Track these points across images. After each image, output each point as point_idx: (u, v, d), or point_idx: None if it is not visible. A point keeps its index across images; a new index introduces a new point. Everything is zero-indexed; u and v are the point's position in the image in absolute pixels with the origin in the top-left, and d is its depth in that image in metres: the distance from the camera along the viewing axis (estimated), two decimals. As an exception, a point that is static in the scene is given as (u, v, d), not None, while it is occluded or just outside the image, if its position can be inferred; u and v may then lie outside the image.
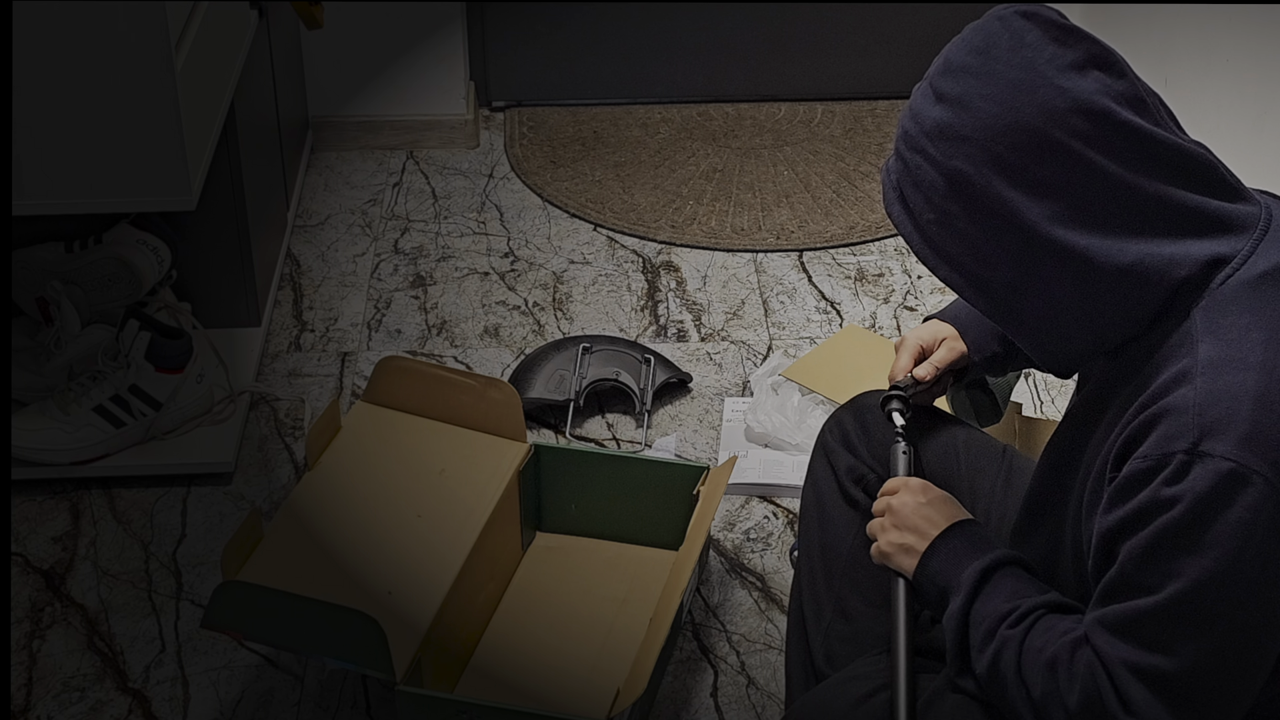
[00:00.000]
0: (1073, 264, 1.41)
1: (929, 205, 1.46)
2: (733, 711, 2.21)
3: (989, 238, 1.43)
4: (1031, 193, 1.41)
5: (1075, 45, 1.42)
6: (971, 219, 1.43)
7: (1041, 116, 1.40)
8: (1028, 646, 1.49)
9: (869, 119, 3.77)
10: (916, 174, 1.46)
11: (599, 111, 3.81)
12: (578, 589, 2.35)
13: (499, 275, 3.19)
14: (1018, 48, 1.42)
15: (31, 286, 2.67)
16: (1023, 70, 1.41)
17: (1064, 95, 1.40)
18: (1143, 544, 1.38)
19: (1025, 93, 1.40)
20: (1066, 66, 1.41)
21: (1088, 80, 1.41)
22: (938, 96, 1.45)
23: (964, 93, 1.43)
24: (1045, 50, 1.42)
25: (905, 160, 1.48)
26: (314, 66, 3.55)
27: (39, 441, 2.53)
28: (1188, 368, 1.39)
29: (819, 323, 3.04)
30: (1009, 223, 1.42)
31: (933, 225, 1.46)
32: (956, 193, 1.43)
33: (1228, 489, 1.34)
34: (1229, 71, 2.87)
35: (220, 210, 2.77)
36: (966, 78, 1.43)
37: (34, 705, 2.20)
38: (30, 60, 2.20)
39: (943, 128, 1.43)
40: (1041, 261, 1.42)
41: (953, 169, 1.43)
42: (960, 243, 1.45)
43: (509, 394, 2.35)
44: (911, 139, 1.47)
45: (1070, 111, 1.39)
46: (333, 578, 2.10)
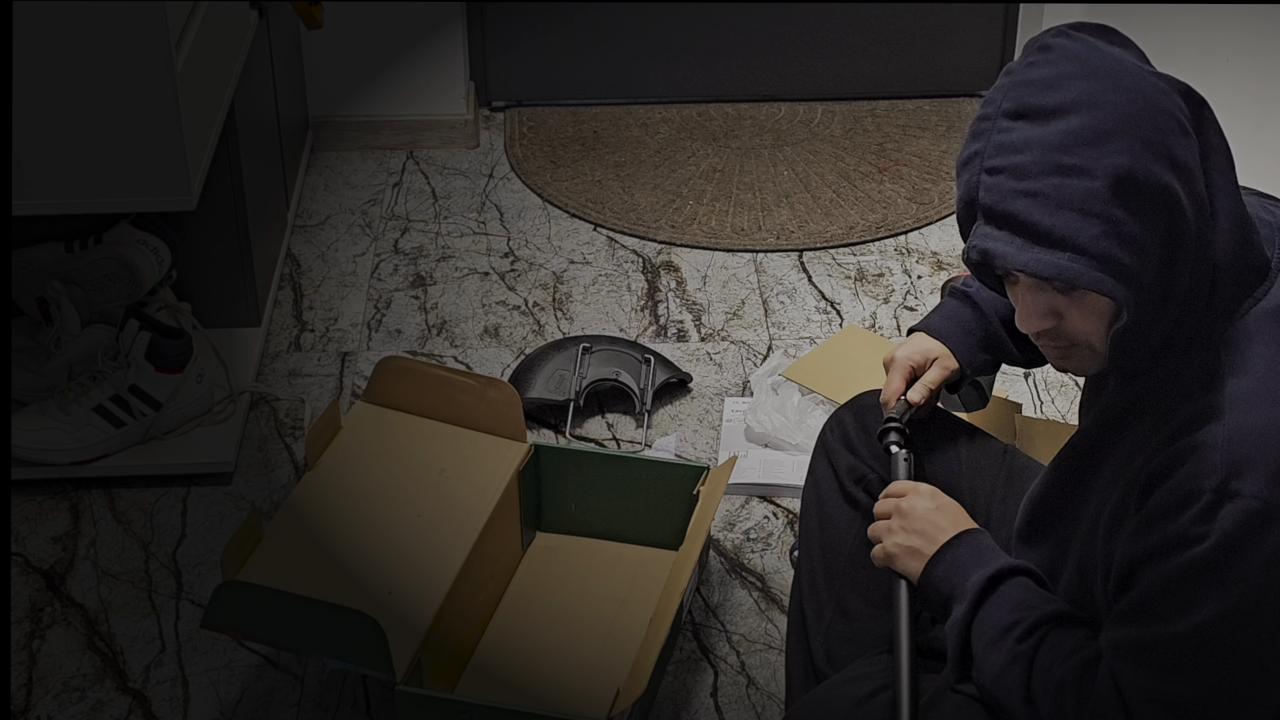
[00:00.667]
0: (1198, 252, 1.39)
1: (1089, 219, 1.35)
2: (733, 711, 2.21)
3: (1148, 229, 1.36)
4: (1175, 171, 1.36)
5: (1130, 46, 1.43)
6: (1136, 216, 1.36)
7: (1161, 97, 1.37)
8: (1037, 665, 1.50)
9: (869, 119, 3.77)
10: (1060, 195, 1.35)
11: (599, 111, 3.81)
12: (578, 589, 2.35)
13: (499, 275, 3.19)
14: (1095, 50, 1.39)
15: (31, 286, 2.67)
16: (1115, 63, 1.38)
17: (1158, 77, 1.39)
18: (1166, 574, 1.39)
19: (1137, 78, 1.38)
20: (1138, 58, 1.42)
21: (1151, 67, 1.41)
22: (1048, 114, 1.37)
23: (1079, 96, 1.36)
24: (1114, 50, 1.40)
25: (1031, 193, 1.36)
26: (314, 66, 3.55)
27: (39, 441, 2.53)
28: (1215, 402, 1.39)
29: (819, 323, 3.04)
30: (1165, 208, 1.36)
31: (1101, 240, 1.35)
32: (1120, 192, 1.35)
33: (1256, 527, 1.35)
34: (1229, 71, 2.87)
35: (220, 210, 2.77)
36: (1070, 83, 1.37)
37: (34, 705, 2.20)
38: (30, 60, 2.20)
39: (1078, 133, 1.35)
40: (1179, 248, 1.38)
41: (1111, 167, 1.34)
42: (1127, 247, 1.36)
43: (509, 394, 2.35)
44: (1035, 168, 1.36)
45: (1173, 90, 1.39)
46: (333, 578, 2.10)
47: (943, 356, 1.89)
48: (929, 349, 1.90)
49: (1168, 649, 1.40)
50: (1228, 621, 1.37)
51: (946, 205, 3.41)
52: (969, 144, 1.42)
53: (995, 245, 1.38)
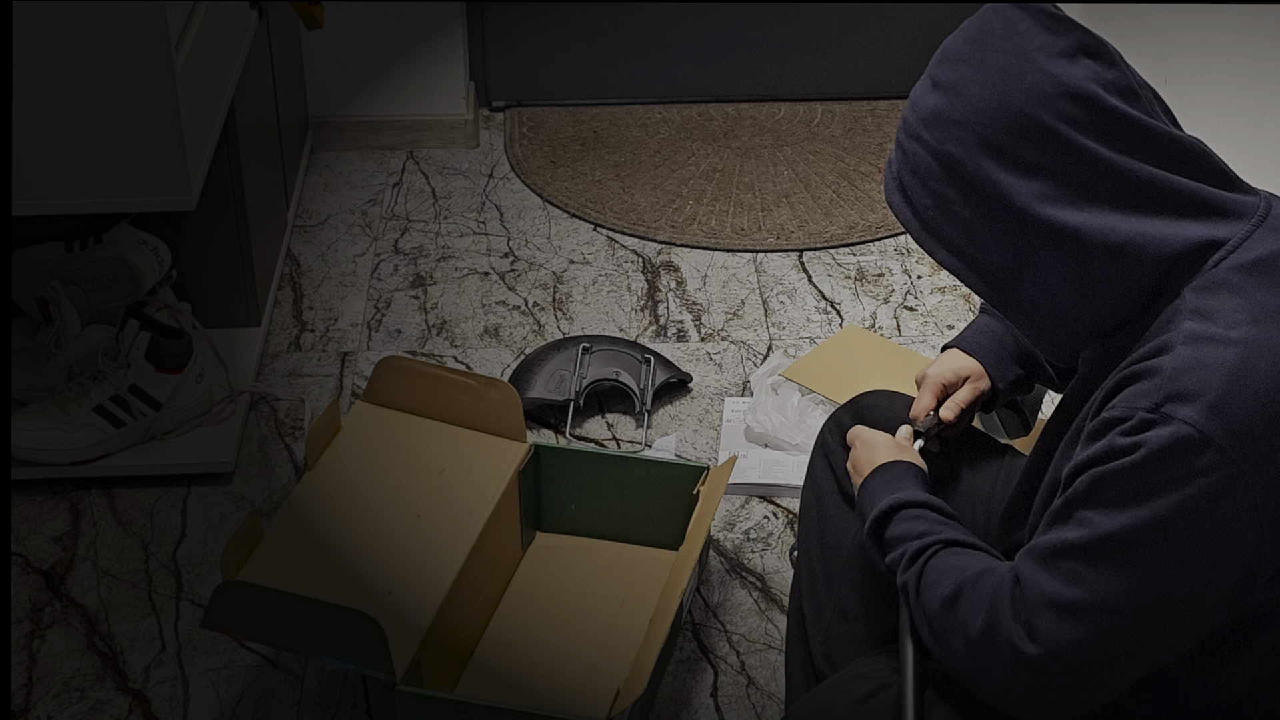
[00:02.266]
0: (1065, 243, 1.43)
1: (926, 191, 1.49)
2: (733, 711, 2.21)
3: (983, 221, 1.46)
4: (1021, 174, 1.43)
5: (1066, 34, 1.45)
6: (966, 202, 1.46)
7: (1029, 100, 1.43)
8: (923, 585, 1.54)
9: (869, 119, 3.77)
10: (914, 161, 1.50)
11: (599, 111, 3.81)
12: (578, 589, 2.35)
13: (499, 275, 3.19)
14: (1009, 35, 1.46)
15: (31, 286, 2.67)
16: (1013, 57, 1.45)
17: (1052, 80, 1.43)
18: (1086, 483, 1.41)
19: (1014, 78, 1.44)
20: (1056, 54, 1.44)
21: (1077, 67, 1.43)
22: (933, 84, 1.49)
23: (957, 79, 1.47)
24: (1036, 38, 1.45)
25: (904, 148, 1.52)
26: (314, 66, 3.55)
27: (39, 441, 2.53)
28: (1170, 340, 1.41)
29: (819, 323, 3.04)
30: (1001, 205, 1.44)
31: (930, 210, 1.49)
32: (950, 177, 1.46)
33: (1181, 451, 1.36)
34: (1229, 71, 2.87)
35: (220, 210, 2.77)
36: (960, 65, 1.47)
37: (34, 705, 2.20)
38: (30, 60, 2.20)
39: (936, 113, 1.47)
40: (1034, 243, 1.44)
41: (945, 153, 1.46)
42: (956, 227, 1.48)
43: (509, 394, 2.35)
44: (909, 127, 1.51)
45: (1057, 95, 1.42)
46: (333, 578, 2.10)
47: (975, 375, 1.89)
48: (961, 367, 1.90)
49: (1074, 555, 1.41)
50: (1134, 538, 1.38)
51: (946, 205, 3.40)
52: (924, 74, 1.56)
53: (886, 171, 1.56)
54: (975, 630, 1.47)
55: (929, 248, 1.51)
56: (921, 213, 1.50)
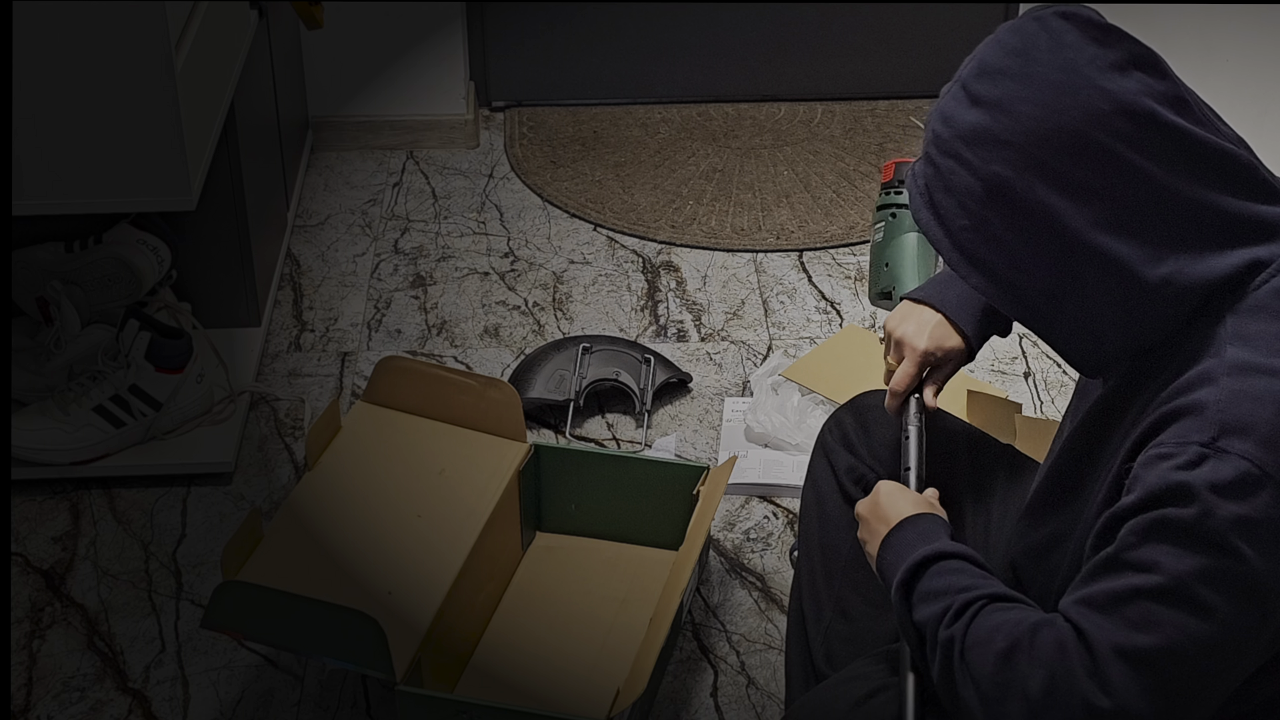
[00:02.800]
0: (1113, 271, 1.39)
1: (963, 211, 1.42)
2: (733, 711, 2.21)
3: (1028, 244, 1.40)
4: (1074, 198, 1.38)
5: (1116, 45, 1.40)
6: (1010, 225, 1.40)
7: (1084, 119, 1.37)
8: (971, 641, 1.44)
9: (869, 119, 3.77)
10: (950, 179, 1.43)
11: (599, 111, 3.81)
12: (578, 589, 2.35)
13: (499, 275, 3.19)
14: (1058, 49, 1.40)
15: (31, 286, 2.67)
16: (1064, 72, 1.38)
17: (1107, 97, 1.37)
18: (1145, 524, 1.36)
19: (1067, 95, 1.38)
20: (1108, 67, 1.39)
21: (1130, 81, 1.39)
22: (973, 100, 1.42)
23: (1003, 96, 1.40)
24: (1086, 51, 1.39)
25: (937, 165, 1.44)
26: (314, 66, 3.55)
27: (39, 441, 2.53)
28: (1213, 369, 1.38)
29: (819, 323, 3.04)
30: (1050, 229, 1.39)
31: (966, 232, 1.43)
32: (995, 199, 1.40)
33: (1240, 486, 1.33)
34: (1229, 71, 2.87)
35: (220, 210, 2.77)
36: (1005, 80, 1.40)
37: (34, 705, 2.20)
38: (30, 60, 2.20)
39: (980, 132, 1.40)
40: (1081, 268, 1.39)
41: (992, 174, 1.40)
42: (996, 250, 1.42)
43: (509, 394, 2.35)
44: (945, 143, 1.44)
45: (1114, 113, 1.37)
46: (333, 578, 2.10)
47: (956, 350, 1.85)
48: (944, 341, 1.85)
49: (1141, 600, 1.36)
50: (1203, 581, 1.34)
51: (946, 205, 3.40)
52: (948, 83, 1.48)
53: (911, 185, 1.49)
54: (1036, 688, 1.38)
55: (962, 271, 1.45)
56: (956, 234, 1.44)
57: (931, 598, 1.49)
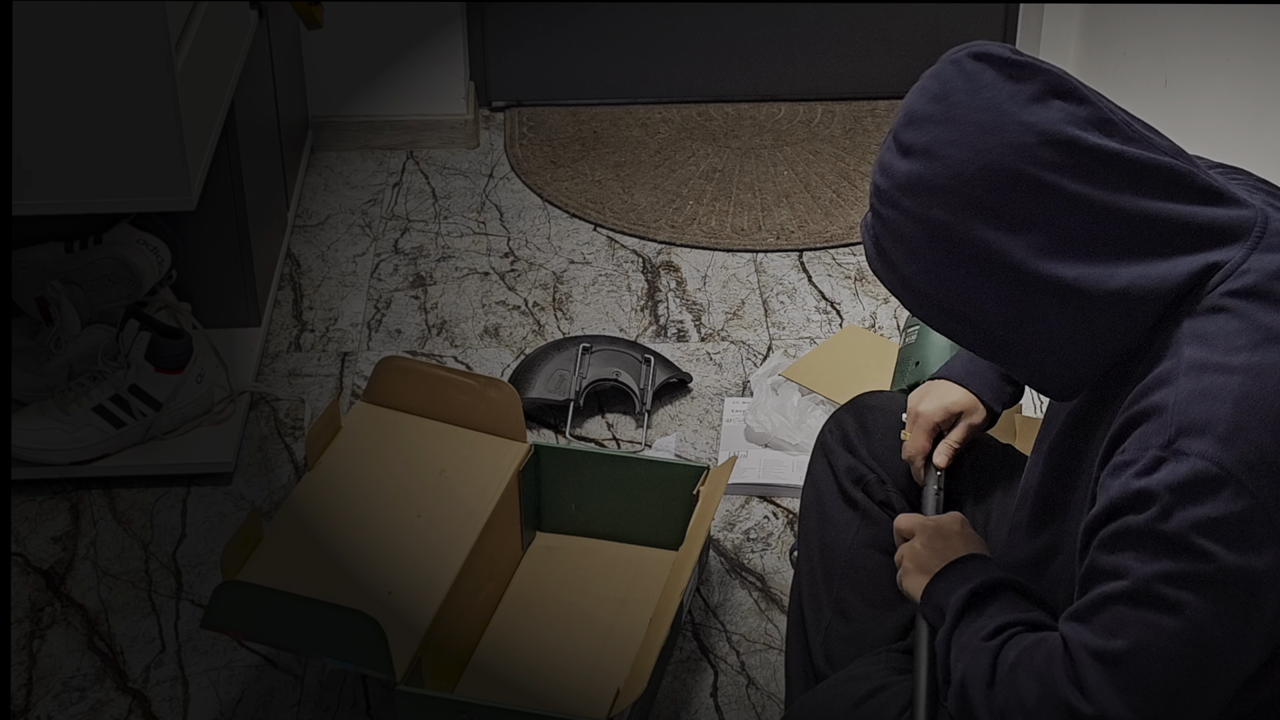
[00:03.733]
0: (1065, 295, 1.40)
1: (911, 258, 1.45)
2: (733, 711, 2.21)
3: (978, 281, 1.42)
4: (1013, 230, 1.40)
5: (1031, 79, 1.41)
6: (957, 265, 1.42)
7: (1010, 154, 1.39)
8: (1001, 659, 1.48)
9: (869, 119, 3.77)
10: (895, 229, 1.45)
11: (599, 111, 3.81)
12: (578, 589, 2.35)
13: (499, 275, 3.19)
14: (976, 90, 1.42)
15: (31, 286, 2.67)
16: (984, 111, 1.41)
17: (1029, 130, 1.39)
18: (1110, 535, 1.39)
19: (991, 133, 1.40)
20: (1027, 100, 1.40)
21: (1050, 110, 1.40)
22: (903, 150, 1.44)
23: (929, 142, 1.42)
24: (1003, 89, 1.41)
25: (881, 216, 1.47)
26: (314, 66, 3.55)
27: (39, 441, 2.53)
28: (1170, 370, 1.39)
29: (819, 323, 3.04)
30: (996, 263, 1.41)
31: (918, 277, 1.45)
32: (938, 243, 1.42)
33: (1198, 488, 1.34)
34: (1229, 71, 2.86)
35: (220, 210, 2.77)
36: (930, 126, 1.43)
37: (34, 705, 2.20)
38: (30, 60, 2.20)
39: (913, 180, 1.43)
40: (1034, 297, 1.41)
41: (931, 219, 1.42)
42: (949, 290, 1.44)
43: (509, 394, 2.35)
44: (884, 195, 1.46)
45: (1038, 145, 1.39)
46: (333, 578, 2.10)
47: (968, 410, 1.88)
48: (950, 403, 1.88)
49: (1109, 605, 1.39)
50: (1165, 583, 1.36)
51: (946, 205, 3.41)
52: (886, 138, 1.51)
53: (865, 237, 1.51)
54: (1031, 698, 1.43)
55: (922, 314, 1.48)
56: (910, 280, 1.46)
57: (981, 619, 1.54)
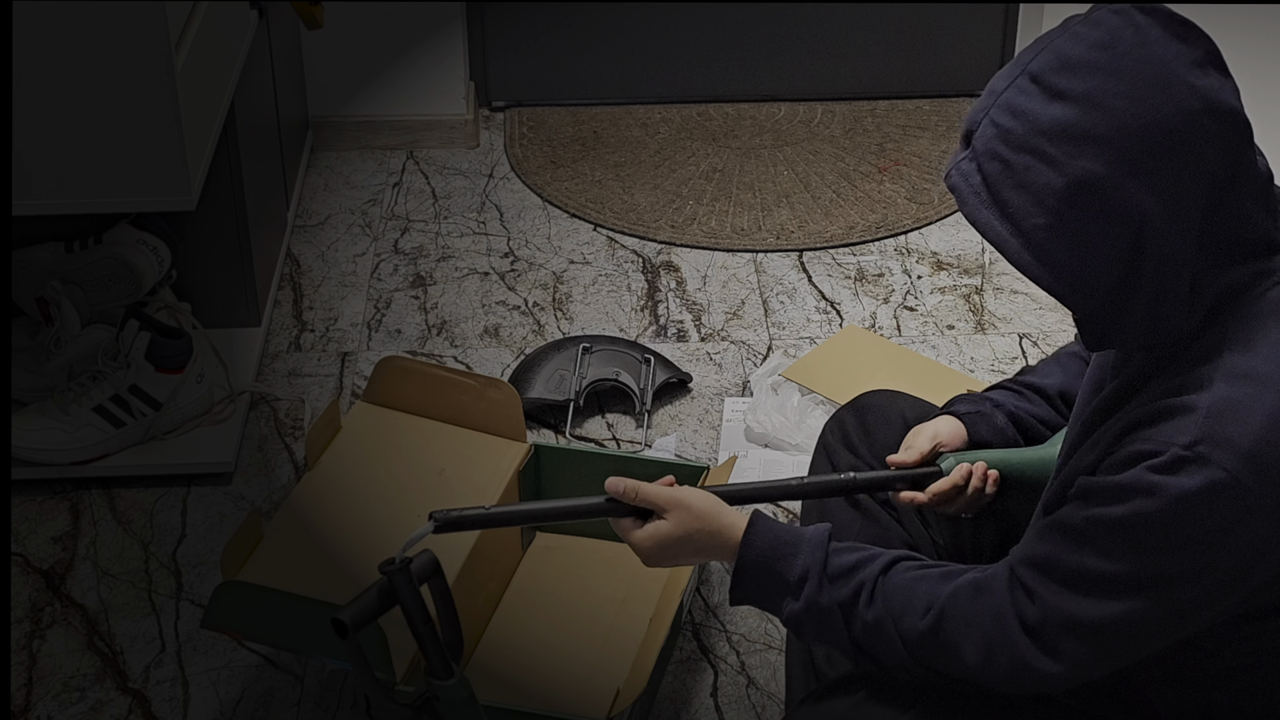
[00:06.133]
0: (1166, 269, 1.38)
1: (1040, 209, 1.38)
2: (733, 711, 2.21)
3: (1105, 240, 1.38)
4: (1159, 194, 1.36)
5: (1195, 42, 1.38)
6: (1092, 220, 1.37)
7: (1178, 116, 1.35)
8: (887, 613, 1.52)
9: (869, 119, 3.77)
10: (1024, 175, 1.38)
11: (599, 111, 3.81)
12: (578, 589, 2.35)
13: (499, 275, 3.19)
14: (1143, 43, 1.37)
15: (31, 286, 2.67)
16: (1154, 66, 1.36)
17: (1196, 94, 1.36)
18: (1115, 517, 1.40)
19: (1160, 90, 1.35)
20: (1191, 64, 1.37)
21: (1210, 79, 1.38)
22: (1053, 94, 1.37)
23: (1093, 90, 1.36)
24: (1170, 47, 1.37)
25: (1008, 162, 1.39)
26: (314, 66, 3.55)
27: (39, 441, 2.53)
28: (1208, 372, 1.39)
29: (819, 323, 3.04)
30: (1131, 226, 1.37)
31: (1041, 231, 1.38)
32: (1080, 195, 1.36)
33: (1214, 494, 1.35)
34: (1229, 71, 2.86)
35: (220, 210, 2.77)
36: (1093, 74, 1.36)
37: (34, 705, 2.20)
38: (30, 60, 2.20)
39: (1068, 126, 1.36)
40: (1144, 265, 1.38)
41: (1080, 170, 1.36)
42: (1070, 248, 1.38)
43: (509, 394, 2.35)
44: (1018, 139, 1.38)
45: (1203, 112, 1.36)
46: (333, 578, 2.09)
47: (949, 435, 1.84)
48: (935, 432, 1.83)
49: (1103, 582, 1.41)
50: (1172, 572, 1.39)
51: (946, 205, 3.41)
52: (1002, 76, 1.43)
53: (962, 185, 1.42)
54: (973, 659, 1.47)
55: (1031, 271, 1.40)
56: (1030, 233, 1.39)
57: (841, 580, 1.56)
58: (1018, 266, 1.41)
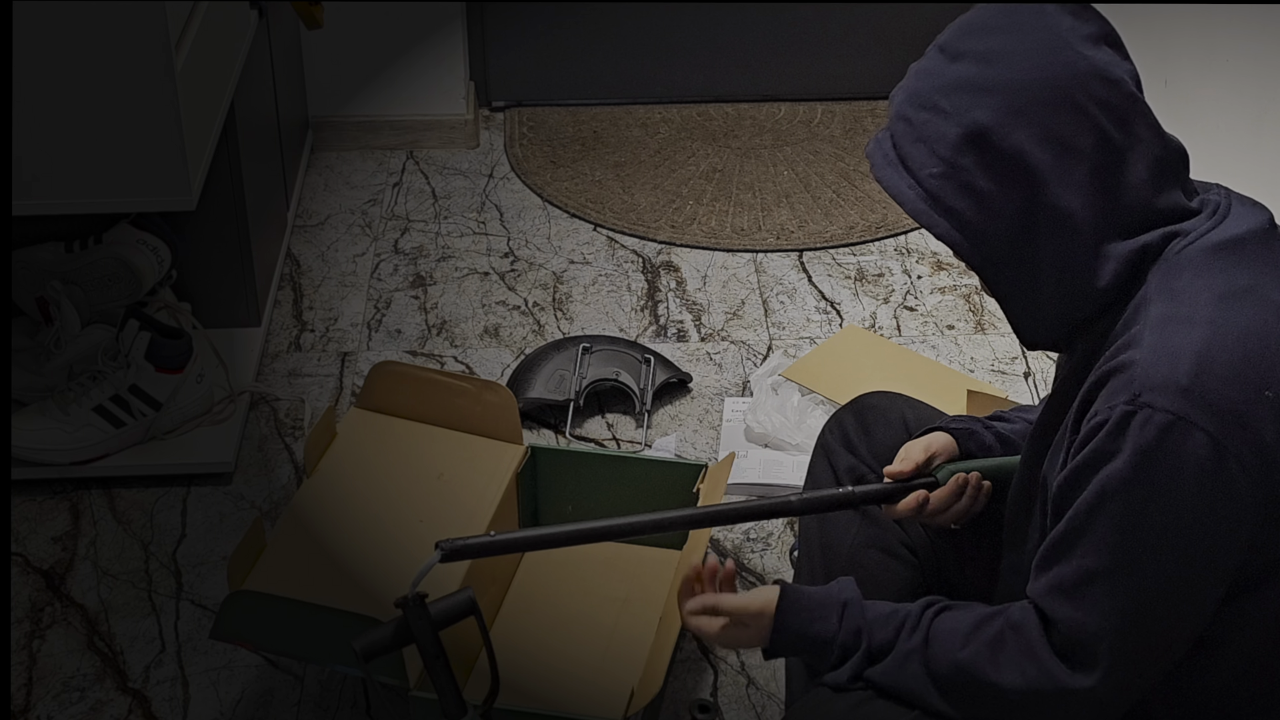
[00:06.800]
0: (1064, 230, 1.44)
1: (934, 159, 1.46)
2: (733, 711, 2.21)
3: (999, 189, 1.45)
4: (1049, 148, 1.43)
5: (1090, 20, 1.47)
6: (983, 171, 1.44)
7: (1067, 76, 1.43)
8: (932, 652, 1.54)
9: (869, 119, 3.77)
10: (923, 129, 1.47)
11: (599, 111, 3.81)
12: (578, 590, 2.35)
13: (499, 275, 3.19)
14: (1041, 13, 1.46)
15: (31, 286, 2.67)
16: (1049, 33, 1.45)
17: (1086, 60, 1.44)
18: (1089, 500, 1.42)
19: (1052, 52, 1.44)
20: (1084, 37, 1.45)
21: (1102, 53, 1.45)
22: (953, 55, 1.47)
23: (990, 48, 1.45)
24: (1065, 20, 1.46)
25: (908, 119, 1.48)
26: (314, 66, 3.55)
27: (39, 441, 2.53)
28: (1138, 331, 1.43)
29: (819, 323, 3.04)
30: (1022, 177, 1.44)
31: (935, 180, 1.46)
32: (970, 145, 1.44)
33: (1168, 440, 1.38)
34: (1229, 71, 2.86)
35: (220, 210, 2.77)
36: (993, 35, 1.46)
37: (34, 705, 2.20)
38: (30, 60, 2.20)
39: (963, 81, 1.45)
40: (1038, 221, 1.45)
41: (970, 120, 1.44)
42: (964, 195, 1.46)
43: (505, 396, 2.35)
44: (918, 98, 1.48)
45: (1091, 75, 1.44)
46: (338, 585, 2.09)
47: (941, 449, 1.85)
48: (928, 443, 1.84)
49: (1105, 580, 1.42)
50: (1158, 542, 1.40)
51: (946, 205, 3.41)
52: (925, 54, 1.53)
53: (874, 150, 1.52)
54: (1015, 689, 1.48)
55: (926, 220, 1.48)
56: (925, 182, 1.47)
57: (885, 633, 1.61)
58: (916, 218, 1.47)
